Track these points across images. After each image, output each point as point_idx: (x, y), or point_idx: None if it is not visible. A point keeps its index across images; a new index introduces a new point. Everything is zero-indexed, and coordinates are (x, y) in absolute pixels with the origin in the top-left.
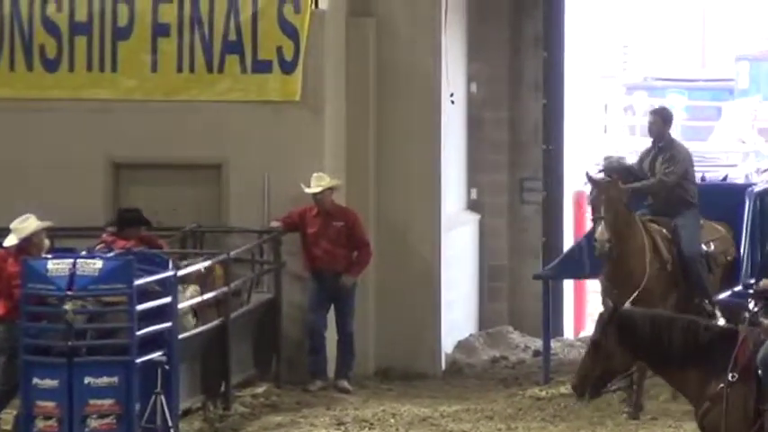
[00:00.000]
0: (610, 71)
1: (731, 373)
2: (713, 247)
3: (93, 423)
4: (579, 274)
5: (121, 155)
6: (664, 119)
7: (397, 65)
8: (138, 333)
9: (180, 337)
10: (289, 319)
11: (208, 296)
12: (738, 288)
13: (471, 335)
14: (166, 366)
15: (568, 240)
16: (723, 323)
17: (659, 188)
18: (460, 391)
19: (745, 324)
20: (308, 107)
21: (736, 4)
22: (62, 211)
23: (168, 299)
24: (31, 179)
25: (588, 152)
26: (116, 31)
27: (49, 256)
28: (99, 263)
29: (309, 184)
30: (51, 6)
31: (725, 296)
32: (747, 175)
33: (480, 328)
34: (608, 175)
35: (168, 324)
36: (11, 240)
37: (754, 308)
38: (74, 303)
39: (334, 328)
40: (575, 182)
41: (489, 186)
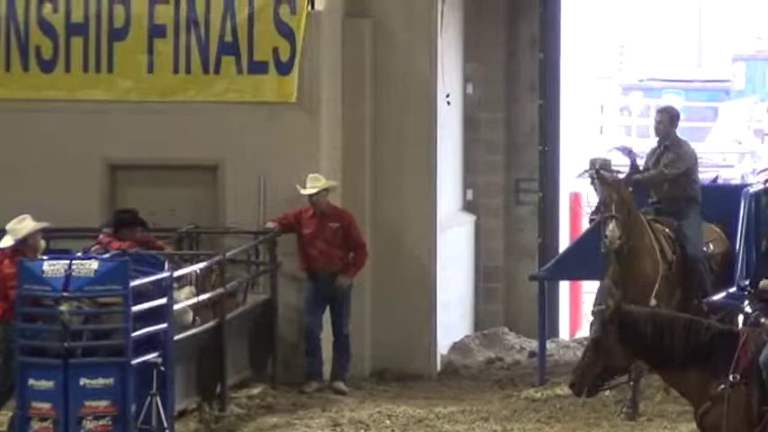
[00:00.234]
0: (606, 72)
1: (733, 374)
2: (712, 248)
3: (89, 424)
4: (575, 276)
5: (118, 156)
6: (671, 118)
7: (394, 66)
8: (134, 334)
9: (175, 338)
10: (284, 320)
11: (203, 297)
12: (733, 289)
13: (467, 336)
14: (162, 367)
15: (564, 241)
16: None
17: (659, 180)
18: (456, 392)
19: (746, 325)
20: (303, 108)
21: (732, 5)
22: (58, 212)
23: (164, 300)
24: (27, 180)
25: (584, 153)
26: (112, 32)
27: (45, 258)
28: (95, 264)
29: (305, 186)
30: (48, 7)
31: (719, 297)
32: (744, 176)
33: (476, 330)
34: (633, 167)
35: (164, 325)
36: (7, 241)
37: (751, 309)
38: (69, 305)
39: (330, 330)
40: (571, 183)
41: (485, 187)
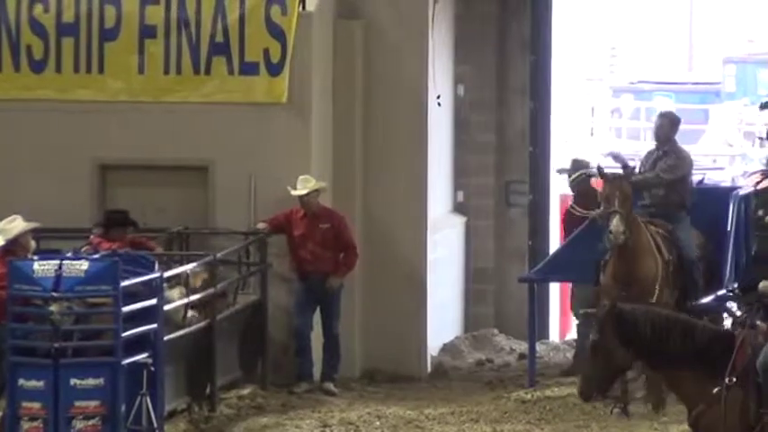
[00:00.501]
0: (596, 74)
1: (729, 377)
2: (698, 252)
3: (79, 424)
4: (565, 278)
5: (108, 156)
6: (671, 123)
7: (384, 67)
8: (124, 335)
9: (165, 338)
10: (275, 320)
11: (193, 297)
12: (722, 292)
13: (457, 337)
14: (152, 368)
15: (554, 243)
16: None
17: (655, 183)
18: (446, 393)
19: (735, 327)
20: (294, 109)
21: (722, 8)
22: (48, 213)
23: (154, 300)
24: (17, 180)
25: (575, 155)
26: (103, 33)
27: (36, 258)
28: (85, 264)
29: (296, 187)
30: (38, 7)
31: (708, 300)
32: (734, 179)
33: (466, 331)
34: (626, 170)
35: (154, 326)
36: None
37: (740, 311)
38: (59, 305)
39: (321, 331)
40: (561, 185)
41: (475, 189)
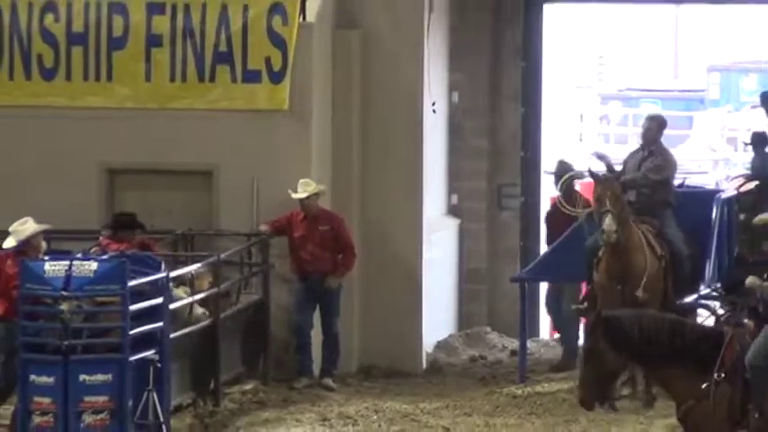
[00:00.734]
0: (586, 82)
1: (718, 373)
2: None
3: (88, 418)
4: (555, 277)
5: (116, 161)
6: (659, 125)
7: (382, 75)
8: (131, 332)
9: (171, 336)
10: (276, 319)
11: (198, 296)
12: (705, 291)
13: (451, 335)
14: (158, 364)
15: (545, 244)
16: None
17: (643, 182)
18: (440, 388)
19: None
20: (295, 116)
21: (707, 18)
22: (59, 215)
23: (160, 299)
24: (29, 184)
25: (560, 157)
26: (111, 42)
27: (47, 258)
28: (94, 265)
29: (296, 190)
30: (49, 17)
31: (691, 299)
32: (718, 182)
33: (460, 329)
34: (610, 170)
35: (160, 324)
36: (10, 242)
37: (723, 310)
38: (69, 303)
39: (320, 328)
40: (551, 188)
41: (469, 192)
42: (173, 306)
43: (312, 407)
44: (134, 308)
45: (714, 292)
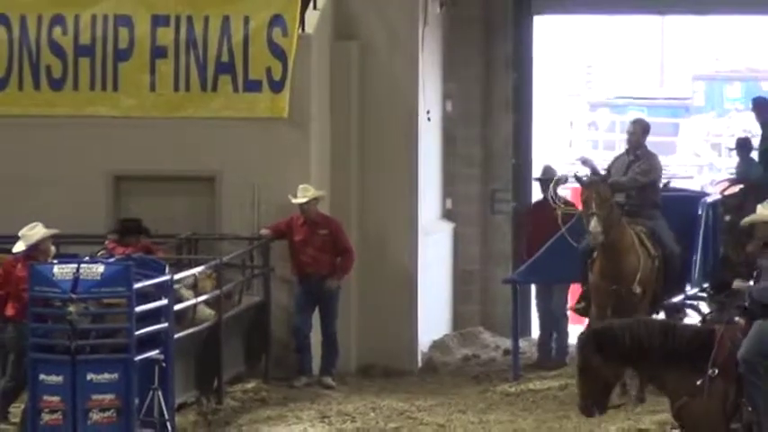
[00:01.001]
0: (575, 90)
1: (711, 369)
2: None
3: (95, 416)
4: (545, 279)
5: (122, 168)
6: (643, 129)
7: (378, 85)
8: (137, 333)
9: (175, 336)
10: (277, 320)
11: (202, 298)
12: (692, 292)
13: (446, 335)
14: (163, 364)
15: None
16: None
17: (631, 185)
18: (436, 386)
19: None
20: (295, 124)
21: (691, 29)
22: (66, 220)
23: (165, 301)
24: (38, 190)
25: (555, 165)
26: (117, 53)
27: (55, 262)
28: (101, 268)
29: (296, 195)
30: (57, 30)
31: (678, 299)
32: (703, 187)
33: (454, 329)
34: (595, 174)
35: (165, 324)
36: (19, 247)
37: (709, 309)
38: (77, 306)
39: (319, 329)
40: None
41: (463, 197)
42: (180, 306)
43: (312, 405)
44: (139, 309)
45: (702, 293)
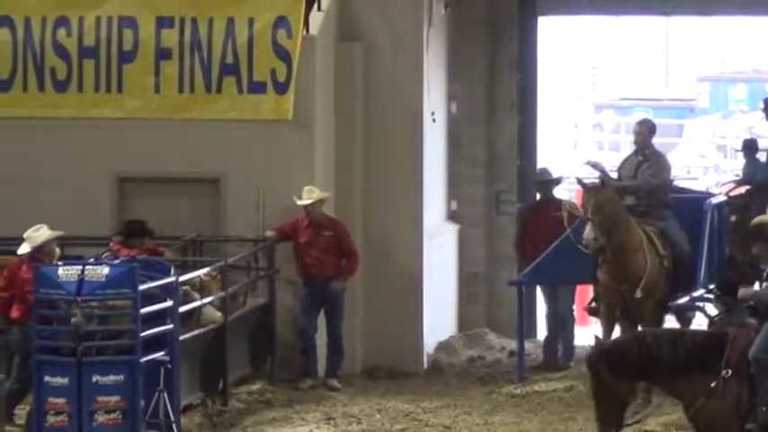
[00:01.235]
0: (579, 91)
1: (725, 370)
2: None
3: (101, 418)
4: (550, 280)
5: (126, 170)
6: (649, 129)
7: (383, 86)
8: (142, 334)
9: (181, 338)
10: (282, 321)
11: (207, 300)
12: (700, 292)
13: (451, 336)
14: (168, 365)
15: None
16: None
17: (646, 188)
18: (441, 388)
19: (710, 325)
20: (299, 125)
21: (696, 30)
22: (71, 222)
23: (170, 303)
24: (43, 192)
25: (559, 166)
26: (121, 55)
27: (60, 264)
28: (106, 269)
29: (301, 197)
30: (62, 32)
31: (684, 300)
32: (708, 188)
33: (459, 330)
34: (604, 177)
35: (170, 326)
36: (24, 249)
37: (717, 310)
38: (81, 310)
39: (324, 331)
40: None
41: (468, 198)
42: (189, 308)
43: (317, 406)
44: (145, 311)
45: (709, 294)
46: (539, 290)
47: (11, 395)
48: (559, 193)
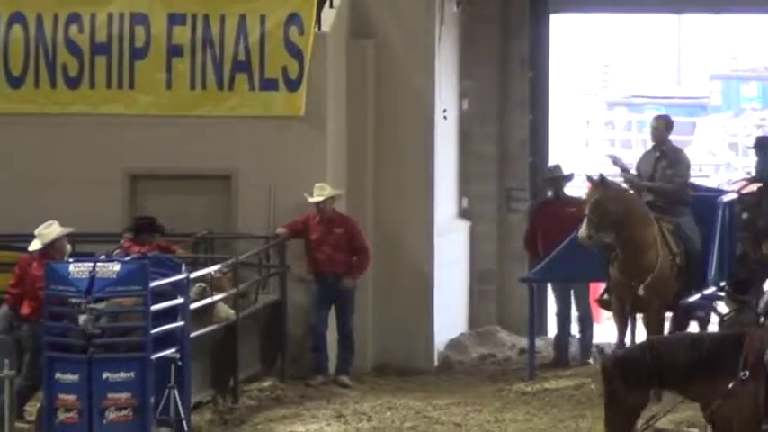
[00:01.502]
0: (591, 89)
1: (742, 371)
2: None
3: (111, 415)
4: (562, 277)
5: (138, 166)
6: (666, 125)
7: (394, 83)
8: (153, 332)
9: (192, 335)
10: (293, 318)
11: (219, 297)
12: (711, 291)
13: (462, 334)
14: (179, 362)
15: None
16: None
17: (669, 189)
18: (452, 385)
19: (721, 324)
20: (311, 122)
21: (708, 28)
22: (82, 219)
23: (180, 300)
24: (54, 188)
25: (571, 164)
26: (133, 52)
27: (71, 260)
28: (117, 266)
29: (312, 194)
30: (73, 28)
31: (695, 298)
32: (719, 186)
33: (470, 328)
34: (625, 173)
35: (180, 323)
36: (35, 245)
37: (728, 308)
38: (90, 313)
39: (335, 328)
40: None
41: (479, 196)
42: (200, 304)
43: (328, 403)
44: (155, 308)
45: (720, 292)
46: (549, 287)
47: (21, 392)
48: (571, 190)
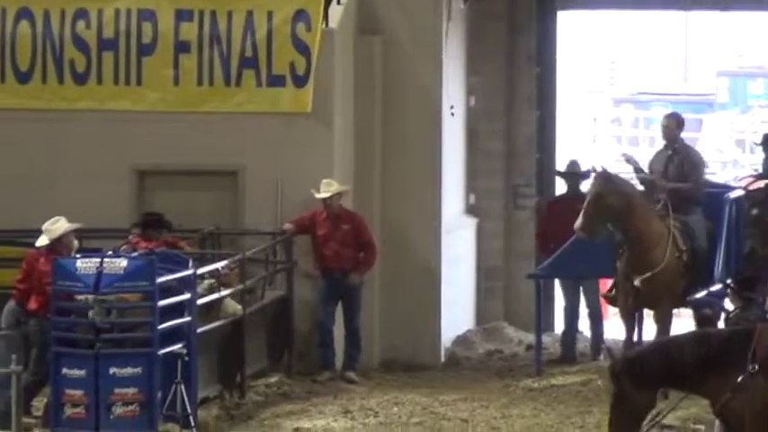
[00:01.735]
0: (598, 86)
1: (751, 365)
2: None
3: (118, 410)
4: (568, 274)
5: (145, 162)
6: (677, 123)
7: (402, 80)
8: (160, 327)
9: (198, 330)
10: (300, 314)
11: (226, 292)
12: (717, 287)
13: (469, 330)
14: (186, 358)
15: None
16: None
17: (685, 188)
18: (458, 381)
19: (728, 321)
20: (318, 118)
21: (715, 24)
22: (90, 214)
23: (187, 295)
24: (61, 184)
25: (578, 161)
26: (141, 48)
27: (78, 256)
28: (124, 262)
29: (319, 190)
30: (81, 24)
31: (701, 295)
32: (726, 183)
33: (477, 324)
34: (638, 171)
35: (187, 319)
36: (42, 241)
37: (733, 306)
38: (98, 307)
39: (342, 323)
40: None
41: (486, 192)
42: (208, 299)
43: (335, 399)
44: (162, 303)
45: (727, 288)
46: (557, 283)
47: (28, 387)
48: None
